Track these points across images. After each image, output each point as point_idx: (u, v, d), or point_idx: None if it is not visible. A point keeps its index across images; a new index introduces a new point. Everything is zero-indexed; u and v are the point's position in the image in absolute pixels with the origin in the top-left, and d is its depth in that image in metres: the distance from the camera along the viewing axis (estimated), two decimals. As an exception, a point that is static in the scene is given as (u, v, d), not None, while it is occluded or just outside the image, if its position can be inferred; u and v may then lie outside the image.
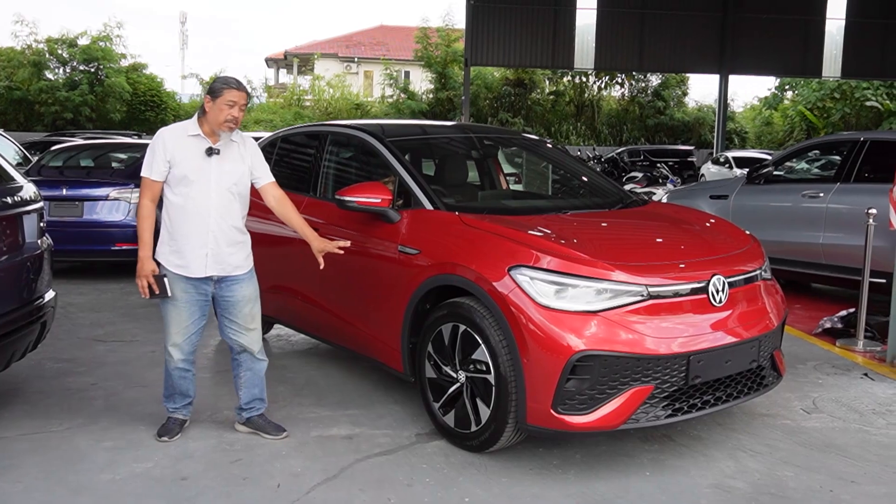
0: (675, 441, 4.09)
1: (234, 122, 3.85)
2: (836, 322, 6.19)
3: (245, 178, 4.01)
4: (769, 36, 23.92)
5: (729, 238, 4.36)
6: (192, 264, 3.88)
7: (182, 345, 3.99)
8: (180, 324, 3.95)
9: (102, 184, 7.89)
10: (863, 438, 4.17)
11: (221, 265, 3.93)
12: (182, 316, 3.95)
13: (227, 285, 3.98)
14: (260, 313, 4.12)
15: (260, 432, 4.11)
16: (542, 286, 3.58)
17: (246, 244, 4.06)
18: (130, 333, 6.15)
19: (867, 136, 7.29)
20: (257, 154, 4.10)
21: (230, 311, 4.01)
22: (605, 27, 23.92)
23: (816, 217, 7.32)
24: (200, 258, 3.88)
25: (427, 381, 4.09)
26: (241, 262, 4.01)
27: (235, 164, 3.96)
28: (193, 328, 4.00)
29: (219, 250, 3.91)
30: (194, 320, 3.99)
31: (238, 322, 4.02)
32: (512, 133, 6.17)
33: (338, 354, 5.61)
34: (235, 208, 3.98)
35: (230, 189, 3.93)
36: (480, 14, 23.36)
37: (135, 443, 4.00)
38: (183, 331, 3.97)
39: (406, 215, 4.30)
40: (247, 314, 4.03)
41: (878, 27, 24.17)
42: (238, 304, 4.00)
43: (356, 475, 3.66)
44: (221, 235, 3.91)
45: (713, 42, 24.19)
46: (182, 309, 3.94)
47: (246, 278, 4.04)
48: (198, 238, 3.87)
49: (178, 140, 3.86)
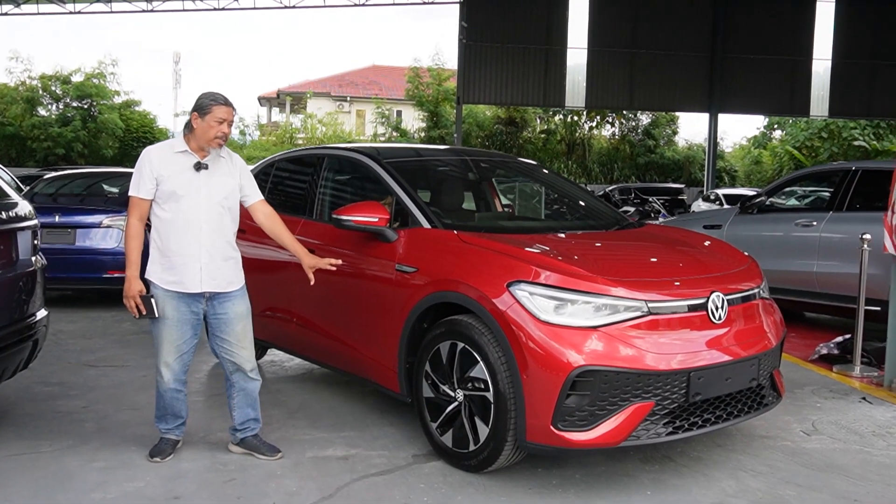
0: (676, 461, 4.04)
1: (223, 138, 3.85)
2: (832, 348, 6.17)
3: (235, 193, 4.00)
4: (757, 76, 24.27)
5: (727, 257, 4.35)
6: (187, 280, 3.84)
7: (174, 364, 3.93)
8: (172, 343, 3.90)
9: (95, 211, 7.86)
10: (864, 459, 4.13)
11: (216, 280, 3.90)
12: (174, 335, 3.89)
13: (220, 302, 3.94)
14: (252, 331, 4.08)
15: (254, 453, 4.04)
16: (541, 301, 3.56)
17: (238, 260, 4.04)
18: (122, 359, 6.08)
19: (859, 166, 7.35)
20: (246, 171, 4.10)
21: (222, 329, 3.97)
22: (596, 66, 24.22)
23: (810, 245, 7.34)
24: (195, 273, 3.84)
25: (424, 400, 4.03)
26: (233, 278, 3.99)
27: (225, 178, 3.95)
28: (186, 347, 3.95)
29: (212, 265, 3.88)
30: (186, 339, 3.94)
31: (230, 340, 3.97)
32: (507, 157, 6.17)
33: (332, 379, 5.55)
34: (227, 223, 3.96)
35: (221, 203, 3.91)
36: (473, 53, 23.63)
37: (126, 463, 3.92)
38: (175, 350, 3.91)
39: (403, 234, 4.29)
40: (239, 332, 3.99)
41: (864, 68, 24.57)
42: (231, 321, 3.96)
43: (352, 494, 3.59)
44: (214, 250, 3.89)
45: (702, 81, 24.51)
46: (173, 328, 3.89)
47: (238, 295, 4.01)
48: (190, 253, 3.84)
49: (164, 157, 3.85)
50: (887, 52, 23.70)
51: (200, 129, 3.83)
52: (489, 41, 23.49)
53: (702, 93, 24.66)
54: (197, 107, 3.87)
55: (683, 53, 24.20)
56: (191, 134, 3.88)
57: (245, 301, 4.04)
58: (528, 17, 23.42)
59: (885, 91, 24.25)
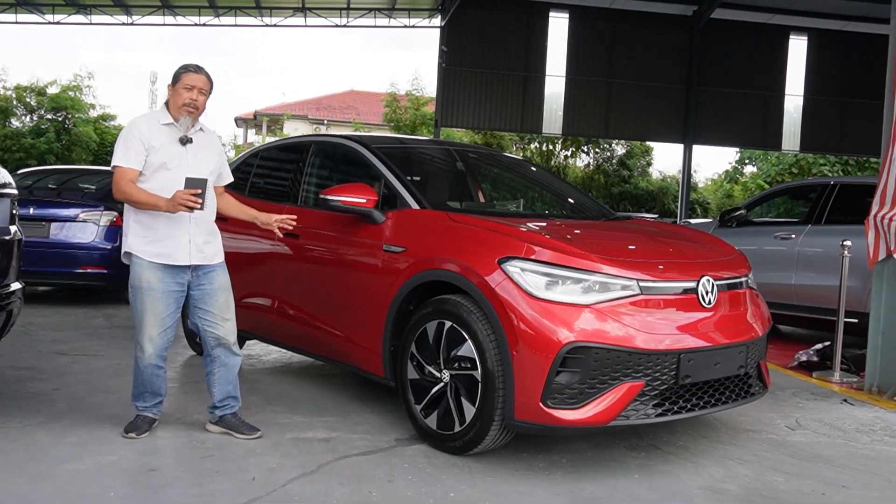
0: (662, 449, 3.99)
1: (192, 105, 3.81)
2: (811, 355, 6.19)
3: (217, 168, 4.01)
4: (731, 109, 24.60)
5: (715, 247, 4.36)
6: (176, 252, 3.78)
7: (157, 339, 3.83)
8: (157, 315, 3.80)
9: (71, 205, 7.71)
10: (849, 451, 4.11)
11: (203, 253, 3.87)
12: (158, 307, 3.80)
13: (204, 273, 3.89)
14: (234, 304, 4.01)
15: (232, 432, 3.93)
16: (533, 278, 3.52)
17: (219, 236, 4.03)
18: (94, 349, 5.93)
19: (837, 181, 7.45)
20: (223, 151, 4.11)
21: (206, 300, 3.89)
22: (573, 94, 24.41)
23: (788, 258, 7.40)
24: (184, 245, 3.79)
25: (409, 382, 3.96)
26: (217, 251, 3.98)
27: (209, 153, 3.96)
28: (169, 321, 3.86)
29: (200, 238, 3.85)
30: (170, 313, 3.85)
31: (213, 311, 3.90)
32: (495, 151, 6.17)
33: (311, 371, 5.46)
34: (211, 197, 3.93)
35: (207, 177, 3.85)
36: (452, 77, 23.72)
37: (100, 439, 3.79)
38: (159, 323, 3.82)
39: (391, 216, 4.24)
40: (223, 303, 3.93)
41: (834, 104, 25.01)
42: (215, 292, 3.90)
43: (335, 472, 3.50)
44: (202, 223, 3.87)
45: (677, 112, 24.78)
46: (158, 300, 3.80)
47: (220, 267, 3.97)
48: (180, 225, 3.79)
49: (153, 128, 3.81)
50: (857, 89, 24.15)
51: (173, 98, 3.84)
52: (468, 66, 23.59)
53: (677, 124, 24.91)
54: (172, 77, 3.90)
55: (659, 85, 24.47)
56: (168, 106, 3.87)
57: (226, 274, 4.00)
58: (507, 43, 23.58)
59: (855, 128, 24.68)
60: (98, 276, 7.69)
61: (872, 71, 21.13)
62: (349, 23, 24.20)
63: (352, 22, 24.25)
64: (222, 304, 3.92)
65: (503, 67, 23.94)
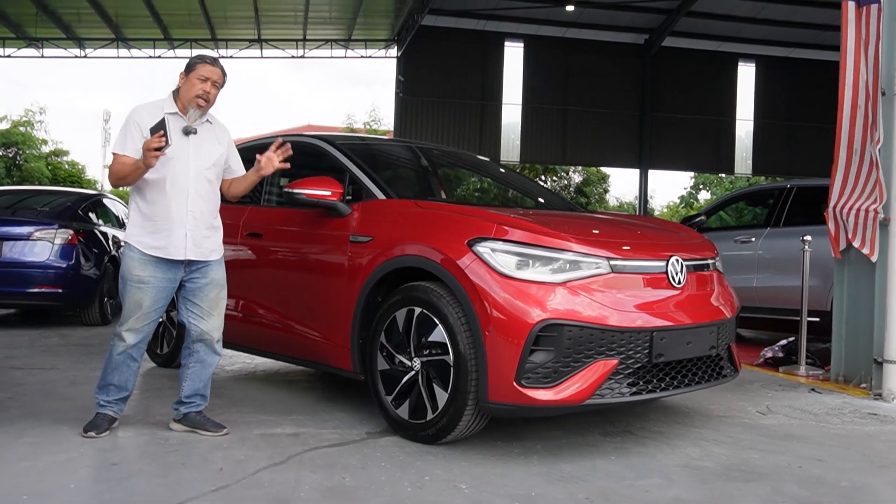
0: (637, 434, 3.96)
1: (205, 97, 3.72)
2: (777, 351, 6.24)
3: (221, 161, 3.87)
4: (685, 134, 25.08)
5: (682, 231, 4.39)
6: (172, 245, 3.67)
7: (140, 329, 3.71)
8: (145, 309, 3.69)
9: (24, 222, 7.49)
10: (822, 431, 4.12)
11: (200, 248, 3.74)
12: (147, 301, 3.68)
13: (199, 267, 3.78)
14: (224, 304, 3.90)
15: (197, 429, 3.80)
16: (503, 258, 3.49)
17: (220, 231, 3.90)
18: (50, 363, 5.72)
19: (794, 184, 7.58)
20: (232, 143, 3.99)
21: (196, 294, 3.79)
22: (530, 122, 24.69)
23: (749, 261, 7.49)
24: (180, 239, 3.67)
25: (379, 374, 3.88)
26: (215, 247, 3.85)
27: (213, 145, 3.83)
28: (156, 315, 3.75)
29: (197, 232, 3.72)
30: (159, 307, 3.74)
31: (202, 306, 3.79)
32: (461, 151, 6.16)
33: (276, 377, 5.34)
34: (213, 191, 3.84)
35: (208, 170, 3.79)
36: (409, 107, 23.85)
37: (57, 440, 3.63)
38: (145, 316, 3.70)
39: (358, 207, 4.18)
40: (212, 298, 3.81)
41: (783, 128, 25.66)
42: (206, 287, 3.79)
43: (305, 461, 3.39)
44: (200, 217, 3.74)
45: (632, 138, 25.18)
46: (148, 293, 3.68)
47: (217, 263, 3.86)
48: (178, 218, 3.68)
49: (155, 116, 3.67)
50: (804, 114, 24.82)
51: (184, 88, 3.73)
52: (426, 96, 23.76)
53: (632, 149, 25.31)
54: (185, 67, 3.79)
55: (614, 111, 24.88)
56: (178, 95, 3.77)
57: (223, 269, 3.89)
58: (463, 73, 23.81)
59: (803, 150, 25.30)
60: (53, 295, 7.46)
61: (818, 95, 21.79)
62: (305, 54, 24.24)
63: (308, 53, 24.29)
64: (212, 300, 3.81)
65: (460, 97, 24.15)
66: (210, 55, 3.84)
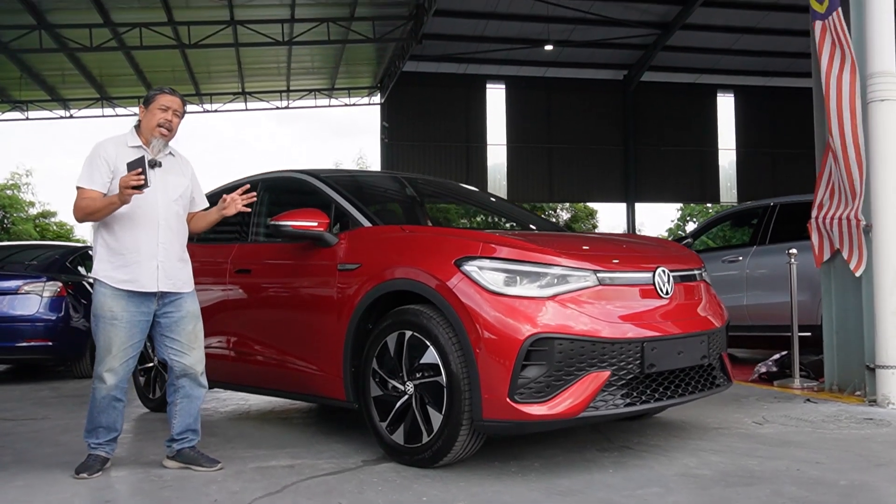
0: (633, 449, 3.94)
1: (167, 125, 3.76)
2: (770, 366, 6.24)
3: (188, 193, 3.90)
4: (670, 166, 25.34)
5: (666, 244, 4.43)
6: (142, 278, 3.66)
7: (118, 369, 3.67)
8: (120, 346, 3.65)
9: (12, 276, 7.47)
10: (819, 437, 4.11)
11: (172, 280, 3.73)
12: (122, 336, 3.66)
13: (172, 300, 3.76)
14: (202, 335, 3.88)
15: (191, 465, 3.76)
16: (491, 275, 3.50)
17: (189, 264, 3.91)
18: (41, 414, 5.66)
19: (777, 201, 7.66)
20: (196, 177, 4.01)
21: (173, 329, 3.76)
22: (515, 161, 24.92)
23: (738, 280, 7.52)
24: (151, 271, 3.67)
25: (372, 400, 3.86)
26: (187, 279, 3.85)
27: (179, 177, 3.86)
28: (133, 351, 3.71)
29: (168, 264, 3.72)
30: (135, 342, 3.71)
31: (181, 340, 3.77)
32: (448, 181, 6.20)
33: (271, 415, 5.30)
34: (181, 224, 3.85)
35: (176, 201, 3.80)
36: (395, 152, 24.05)
37: (50, 482, 3.59)
38: (122, 353, 3.66)
39: (345, 236, 4.20)
40: (190, 332, 3.79)
41: (765, 156, 25.97)
42: (182, 320, 3.77)
43: (301, 490, 3.36)
44: (171, 249, 3.75)
45: (618, 173, 25.41)
46: (122, 329, 3.65)
47: (190, 295, 3.85)
48: (147, 250, 3.68)
49: (119, 150, 3.72)
50: (785, 140, 25.14)
51: (146, 120, 3.76)
52: (411, 140, 23.99)
53: (618, 183, 25.53)
54: (143, 99, 3.83)
55: (597, 147, 25.15)
56: (139, 128, 3.80)
57: (196, 302, 3.88)
58: (447, 116, 24.08)
59: (787, 176, 25.54)
60: (43, 348, 7.40)
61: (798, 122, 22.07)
62: (290, 105, 24.48)
63: (293, 104, 24.53)
64: (190, 333, 3.79)
65: (445, 139, 24.38)
66: (168, 87, 3.86)
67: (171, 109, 3.77)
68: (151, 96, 3.79)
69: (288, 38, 18.26)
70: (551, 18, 19.84)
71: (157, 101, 3.75)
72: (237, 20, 17.55)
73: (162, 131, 3.74)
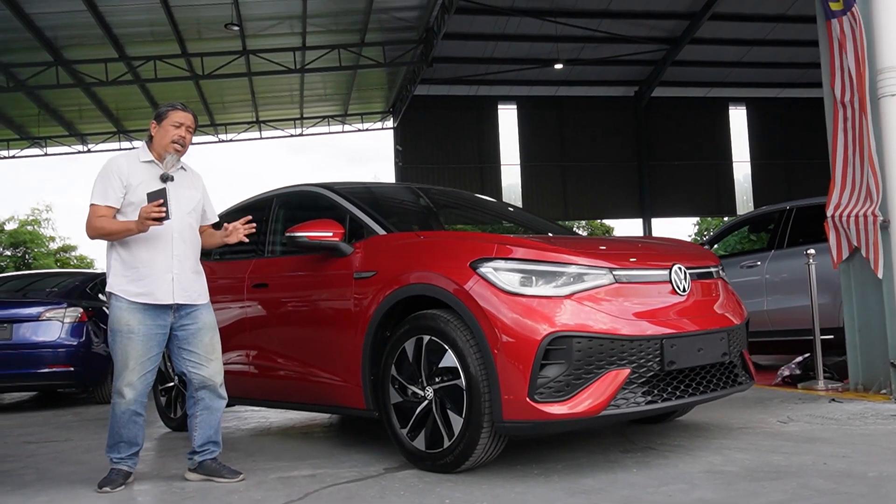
0: (657, 449, 3.90)
1: (181, 142, 3.80)
2: (794, 369, 6.17)
3: (199, 206, 3.94)
4: (684, 180, 25.26)
5: (683, 244, 4.40)
6: (158, 291, 3.68)
7: (137, 383, 3.68)
8: (137, 359, 3.66)
9: (34, 304, 7.54)
10: (845, 433, 4.06)
11: (187, 292, 3.75)
12: (139, 350, 3.67)
13: (188, 313, 3.78)
14: (220, 345, 3.90)
15: (213, 477, 3.76)
16: (507, 276, 3.50)
17: (204, 276, 3.93)
18: (63, 436, 5.69)
19: (793, 205, 7.61)
20: (206, 190, 4.05)
21: (190, 341, 3.77)
22: (530, 181, 24.94)
23: (757, 286, 7.46)
24: (166, 283, 3.69)
25: (392, 407, 3.85)
26: (202, 291, 3.87)
27: (190, 191, 3.90)
28: (150, 364, 3.72)
29: (183, 276, 3.75)
30: (152, 356, 3.72)
31: (198, 353, 3.78)
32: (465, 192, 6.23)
33: (292, 431, 5.29)
34: (195, 236, 3.89)
35: (189, 214, 3.84)
36: (410, 175, 24.13)
37: (72, 496, 3.60)
38: (140, 367, 3.67)
39: (360, 245, 4.22)
40: (207, 343, 3.80)
41: (780, 167, 25.84)
42: (199, 332, 3.78)
43: (323, 496, 3.35)
44: (186, 262, 3.78)
45: (632, 189, 25.36)
46: (139, 343, 3.67)
47: (205, 307, 3.86)
48: (162, 263, 3.71)
49: (132, 165, 3.76)
50: (799, 150, 25.05)
51: (158, 136, 3.80)
52: (425, 162, 24.08)
53: (633, 199, 25.46)
54: (155, 116, 3.86)
55: (611, 163, 25.14)
56: (151, 144, 3.83)
57: (212, 313, 3.90)
58: (460, 138, 24.17)
59: (802, 186, 25.35)
60: (65, 374, 7.45)
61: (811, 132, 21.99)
62: (304, 132, 24.66)
63: (306, 131, 24.71)
64: (207, 344, 3.80)
65: (459, 161, 24.45)
66: (179, 102, 3.90)
67: (185, 126, 3.81)
68: (163, 112, 3.83)
69: (300, 65, 18.44)
70: (560, 38, 19.92)
71: (169, 118, 3.79)
72: (249, 49, 17.76)
73: (176, 147, 3.79)
